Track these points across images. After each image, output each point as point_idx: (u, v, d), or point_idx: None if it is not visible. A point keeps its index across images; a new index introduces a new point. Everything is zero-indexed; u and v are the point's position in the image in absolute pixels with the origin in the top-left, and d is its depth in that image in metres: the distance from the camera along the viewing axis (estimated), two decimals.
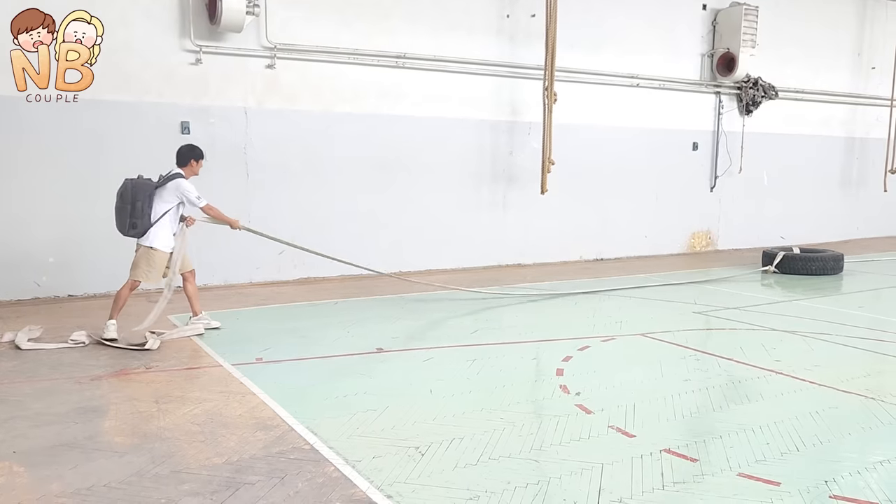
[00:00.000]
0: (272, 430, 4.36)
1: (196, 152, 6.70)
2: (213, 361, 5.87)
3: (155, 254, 6.45)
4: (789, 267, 10.60)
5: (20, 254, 8.10)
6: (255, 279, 9.45)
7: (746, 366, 5.93)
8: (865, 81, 15.05)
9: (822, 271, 10.48)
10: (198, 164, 6.70)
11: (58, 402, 4.86)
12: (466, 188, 10.88)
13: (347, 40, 9.67)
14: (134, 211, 6.31)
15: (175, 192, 6.46)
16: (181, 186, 6.47)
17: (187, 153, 6.67)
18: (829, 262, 10.61)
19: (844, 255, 10.97)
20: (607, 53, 11.75)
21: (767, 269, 10.71)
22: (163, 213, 6.43)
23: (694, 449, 4.15)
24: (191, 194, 6.48)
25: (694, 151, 13.10)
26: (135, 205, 6.31)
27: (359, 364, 5.87)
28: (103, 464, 3.88)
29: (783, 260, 10.65)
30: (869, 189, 15.35)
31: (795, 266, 10.58)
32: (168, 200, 6.46)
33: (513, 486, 3.63)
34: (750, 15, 12.46)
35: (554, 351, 6.32)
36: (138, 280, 6.51)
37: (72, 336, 6.31)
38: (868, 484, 3.72)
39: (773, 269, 10.67)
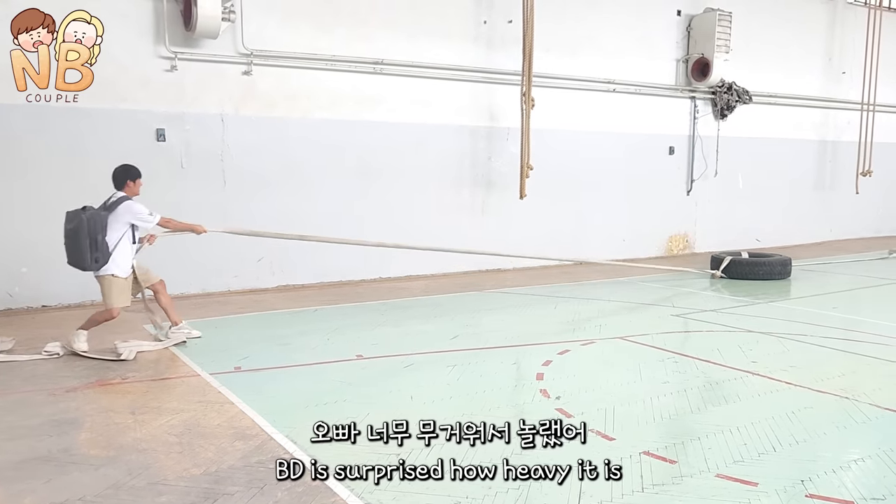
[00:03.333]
0: (251, 440, 4.33)
1: (132, 172, 6.44)
2: (191, 371, 5.81)
3: (118, 280, 6.29)
4: (736, 272, 10.49)
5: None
6: (234, 287, 9.38)
7: (724, 367, 5.99)
8: (836, 85, 15.32)
9: (770, 276, 10.37)
10: (135, 185, 6.43)
11: (31, 414, 4.78)
12: (446, 194, 10.89)
13: (325, 46, 9.66)
14: (96, 245, 6.08)
15: (126, 216, 6.26)
16: (132, 209, 6.28)
17: (122, 175, 6.40)
18: (776, 267, 10.49)
19: (792, 259, 10.86)
20: (584, 58, 11.85)
21: (714, 273, 10.59)
22: (118, 240, 6.24)
23: (673, 451, 4.18)
24: (142, 214, 6.31)
25: (670, 156, 13.24)
26: (96, 239, 6.07)
27: (339, 371, 5.84)
28: (78, 477, 3.82)
29: (730, 265, 10.54)
30: (841, 191, 15.61)
31: (742, 271, 10.48)
32: (120, 225, 6.25)
33: (494, 491, 3.63)
34: (723, 21, 12.63)
35: (534, 355, 6.34)
36: (116, 307, 6.32)
37: (45, 347, 6.21)
38: (843, 483, 3.77)
39: (721, 274, 10.53)
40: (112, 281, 6.29)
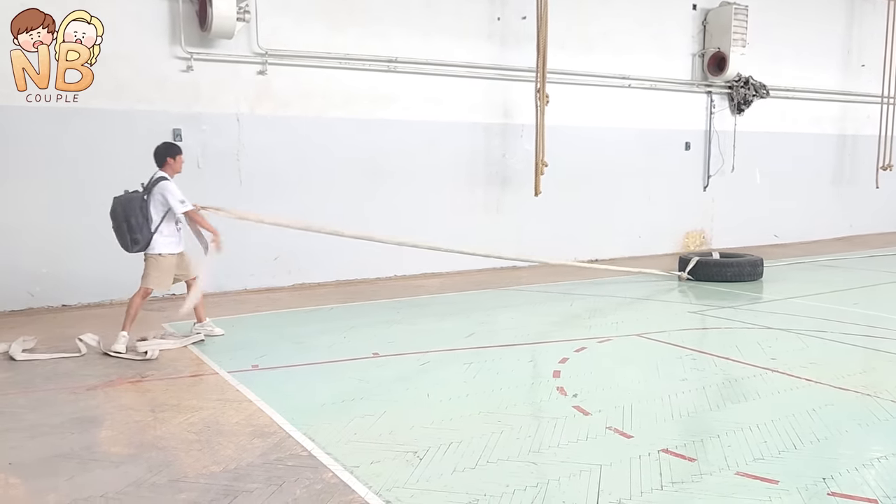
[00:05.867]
0: (269, 438, 4.35)
1: (172, 149, 6.56)
2: (209, 369, 5.85)
3: (163, 260, 6.41)
4: (704, 273, 9.91)
5: (13, 264, 8.05)
6: (250, 286, 9.43)
7: (743, 364, 5.94)
8: (855, 79, 15.12)
9: (739, 277, 9.89)
10: (176, 161, 6.51)
11: (53, 412, 4.83)
12: (460, 191, 10.88)
13: (339, 45, 9.67)
14: (130, 228, 6.21)
15: (159, 196, 6.31)
16: (165, 189, 6.32)
17: (163, 152, 6.51)
18: (746, 268, 9.99)
19: (764, 260, 10.41)
20: (598, 54, 11.78)
21: (681, 275, 10.02)
22: (161, 220, 6.35)
23: (692, 448, 4.16)
24: (174, 197, 6.30)
25: (686, 151, 13.14)
26: (129, 222, 6.20)
27: (355, 369, 5.86)
28: (100, 474, 3.86)
29: (697, 266, 9.98)
30: (861, 186, 15.41)
31: (710, 272, 9.90)
32: (159, 206, 6.35)
33: (511, 488, 3.62)
34: (740, 14, 12.52)
35: (550, 353, 6.32)
36: (150, 288, 6.46)
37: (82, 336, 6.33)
38: (866, 480, 3.73)
39: (687, 275, 9.93)
40: (154, 261, 6.40)
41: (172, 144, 6.66)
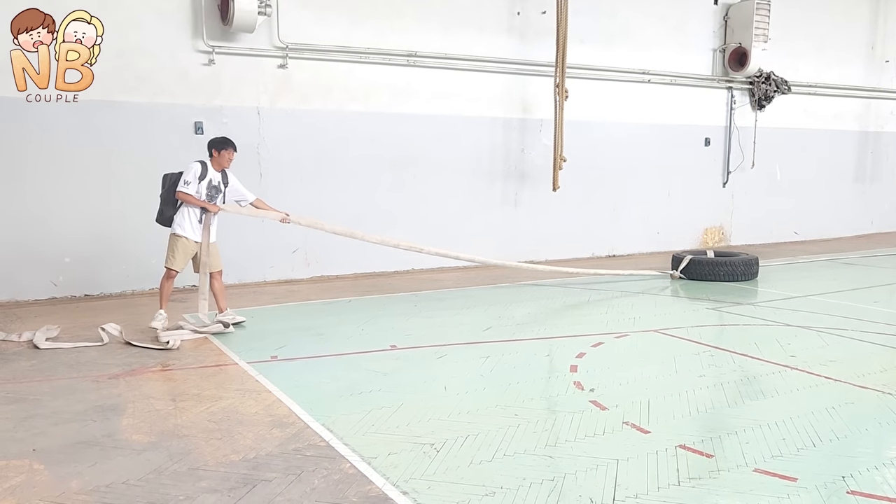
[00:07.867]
0: (288, 428, 4.40)
1: (215, 142, 6.76)
2: (229, 359, 5.91)
3: (177, 240, 6.60)
4: (696, 272, 9.76)
5: (37, 254, 8.19)
6: (269, 278, 9.51)
7: (761, 361, 5.90)
8: (879, 75, 14.92)
9: (732, 277, 9.71)
10: (220, 155, 6.71)
11: (76, 400, 4.92)
12: (479, 186, 10.89)
13: (359, 39, 9.70)
14: (162, 200, 6.62)
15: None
16: (185, 169, 6.59)
17: (210, 143, 6.79)
18: (739, 268, 9.75)
19: (759, 259, 10.20)
20: (618, 49, 11.72)
21: (673, 274, 9.91)
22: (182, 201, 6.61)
23: (709, 445, 4.15)
24: (183, 176, 6.54)
25: (706, 147, 13.05)
26: (163, 195, 6.61)
27: (373, 361, 5.89)
28: (122, 461, 3.93)
29: (689, 265, 9.82)
30: (883, 183, 15.23)
31: (702, 271, 9.74)
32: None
33: (528, 482, 3.64)
34: (762, 9, 12.39)
35: (567, 347, 6.32)
36: (169, 267, 6.64)
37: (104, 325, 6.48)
38: (886, 479, 3.70)
39: (679, 274, 9.81)
40: (173, 239, 6.64)
41: (219, 139, 6.80)
